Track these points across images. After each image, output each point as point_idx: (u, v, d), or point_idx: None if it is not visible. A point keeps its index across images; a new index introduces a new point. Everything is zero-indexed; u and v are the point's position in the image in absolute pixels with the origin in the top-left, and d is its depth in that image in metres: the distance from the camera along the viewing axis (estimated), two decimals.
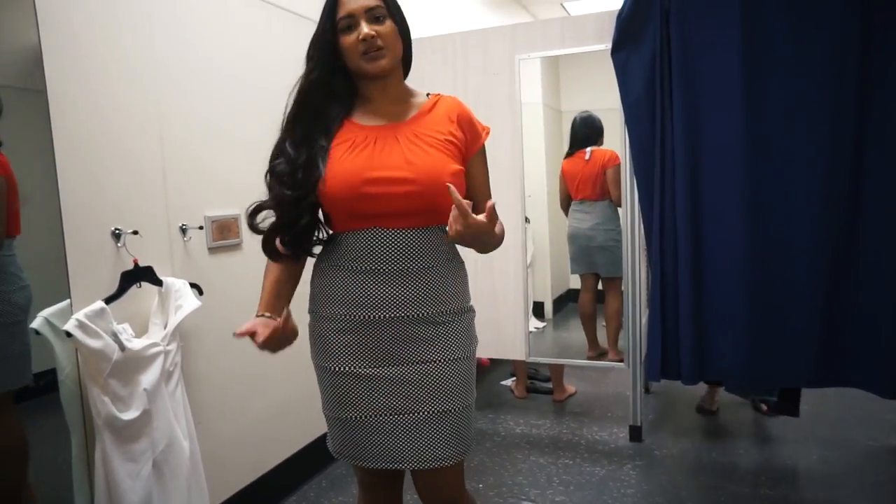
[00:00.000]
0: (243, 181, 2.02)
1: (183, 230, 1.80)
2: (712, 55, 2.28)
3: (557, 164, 3.94)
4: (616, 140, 3.07)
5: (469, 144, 1.27)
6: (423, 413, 1.22)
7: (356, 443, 1.24)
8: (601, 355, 3.41)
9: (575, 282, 4.42)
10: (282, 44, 2.20)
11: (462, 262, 1.32)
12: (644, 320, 2.74)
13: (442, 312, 1.23)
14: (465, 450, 1.26)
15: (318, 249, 1.29)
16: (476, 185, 1.31)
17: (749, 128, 2.25)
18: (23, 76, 1.49)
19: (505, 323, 2.87)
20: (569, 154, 3.38)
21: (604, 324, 3.49)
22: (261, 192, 2.01)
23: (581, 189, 3.31)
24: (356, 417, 1.23)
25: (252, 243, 2.05)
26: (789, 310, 2.27)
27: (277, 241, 1.24)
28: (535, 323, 3.61)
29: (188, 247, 1.82)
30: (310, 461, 2.38)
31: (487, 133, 1.31)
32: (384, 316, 1.20)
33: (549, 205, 3.68)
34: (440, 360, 1.22)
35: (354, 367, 1.22)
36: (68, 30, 1.49)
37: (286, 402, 2.24)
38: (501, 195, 1.28)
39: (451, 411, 1.23)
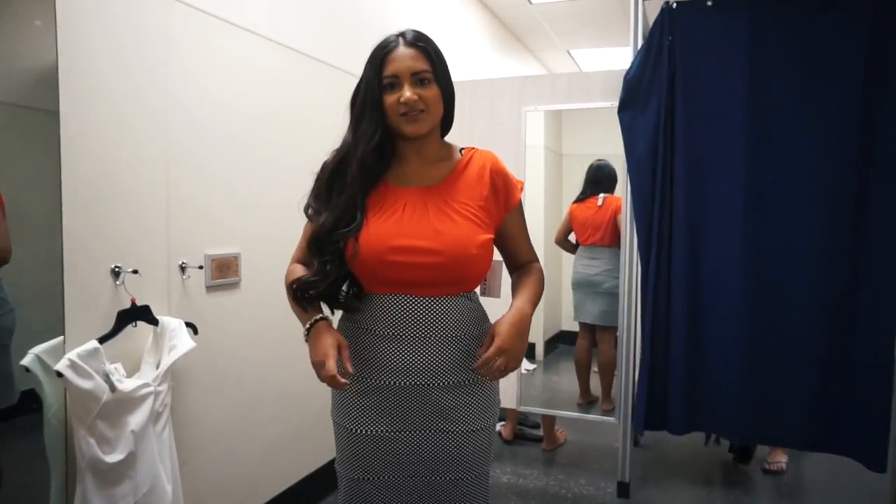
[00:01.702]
0: (245, 219, 2.03)
1: (182, 268, 1.79)
2: (716, 118, 2.34)
3: (556, 206, 3.98)
4: (618, 186, 3.12)
5: (504, 201, 1.25)
6: (438, 479, 1.22)
7: (368, 502, 1.23)
8: (592, 403, 3.39)
9: (567, 324, 4.43)
10: (291, 85, 2.23)
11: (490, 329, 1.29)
12: (637, 372, 2.73)
13: (465, 382, 1.21)
14: None
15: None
16: (515, 241, 1.31)
17: (749, 190, 2.29)
18: (33, 95, 1.50)
19: None
20: (580, 199, 3.40)
21: (595, 370, 3.48)
22: (261, 231, 2.01)
23: (591, 235, 3.32)
24: (369, 478, 1.22)
25: (251, 282, 2.04)
26: (783, 370, 2.29)
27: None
28: (525, 365, 3.60)
29: (186, 285, 1.81)
30: (295, 502, 2.34)
31: (522, 187, 1.29)
32: (405, 382, 1.19)
33: (546, 247, 3.71)
34: (461, 432, 1.21)
35: (373, 429, 1.21)
36: (86, 62, 1.50)
37: (272, 443, 2.21)
38: None
39: (465, 479, 1.24)
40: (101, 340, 1.50)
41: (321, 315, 1.20)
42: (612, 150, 2.80)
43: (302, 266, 1.27)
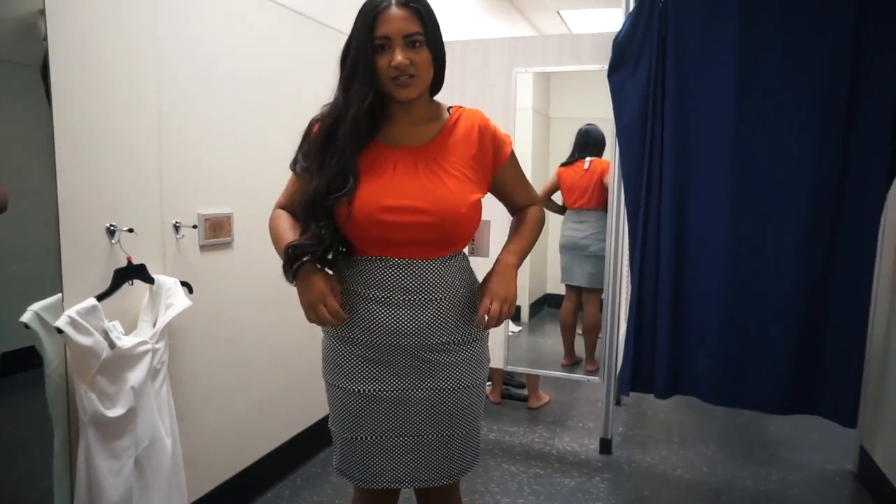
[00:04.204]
0: (238, 179, 2.03)
1: (176, 228, 1.80)
2: (706, 81, 2.35)
3: (544, 168, 3.99)
4: (606, 150, 3.15)
5: (493, 158, 1.28)
6: (431, 437, 1.26)
7: (360, 463, 1.27)
8: (575, 364, 3.48)
9: (552, 287, 4.50)
10: (282, 44, 2.20)
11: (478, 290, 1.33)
12: (621, 333, 2.81)
13: (454, 342, 1.25)
14: (468, 467, 1.32)
15: None
16: (510, 188, 1.36)
17: (736, 154, 2.32)
18: (14, 50, 1.45)
19: None
20: (568, 162, 3.42)
21: (579, 332, 3.56)
22: (253, 191, 2.01)
23: (578, 198, 3.36)
24: (363, 438, 1.26)
25: (243, 241, 2.06)
26: (763, 336, 2.36)
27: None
28: (511, 327, 3.67)
29: (180, 244, 1.82)
30: (286, 459, 2.40)
31: (510, 141, 1.31)
32: (395, 343, 1.22)
33: None
34: (451, 389, 1.25)
35: (365, 388, 1.24)
36: (74, 25, 1.47)
37: (266, 400, 2.26)
38: (490, 200, 1.32)
39: (457, 435, 1.28)
40: (99, 298, 1.52)
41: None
42: (601, 114, 2.81)
43: (287, 214, 1.30)
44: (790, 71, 2.22)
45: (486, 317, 1.23)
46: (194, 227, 1.85)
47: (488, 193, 1.34)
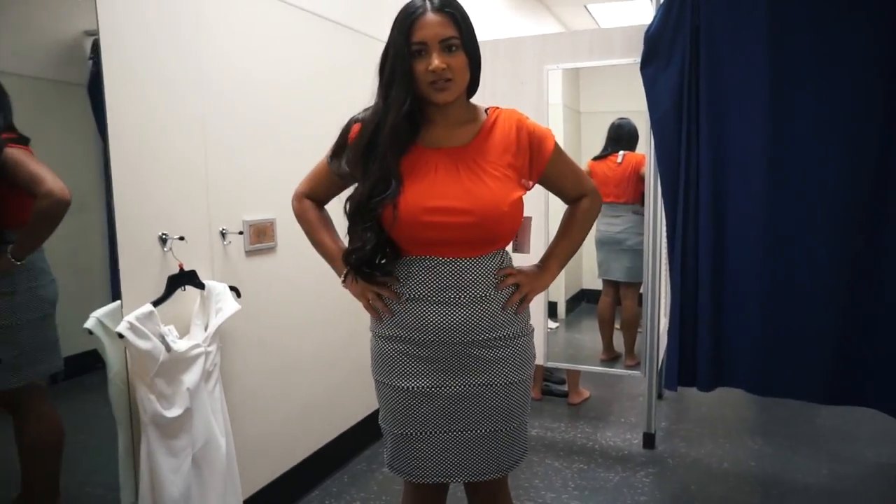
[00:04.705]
0: (280, 185, 2.08)
1: (223, 234, 1.86)
2: (739, 71, 2.32)
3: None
4: (640, 144, 3.13)
5: (535, 155, 1.28)
6: (479, 431, 1.28)
7: (410, 458, 1.31)
8: (614, 359, 3.46)
9: (588, 282, 4.47)
10: (317, 51, 2.26)
11: None
12: (661, 327, 2.78)
13: (499, 338, 1.27)
14: (517, 462, 1.34)
15: None
16: (559, 182, 1.37)
17: (773, 143, 2.28)
18: (61, 70, 1.52)
19: None
20: (601, 156, 3.41)
21: (617, 327, 3.54)
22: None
23: (611, 192, 3.34)
24: (412, 434, 1.29)
25: (286, 246, 2.12)
26: (807, 324, 2.32)
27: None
28: (549, 323, 3.67)
29: (227, 250, 1.89)
30: (333, 456, 2.46)
31: (551, 135, 1.31)
32: (442, 340, 1.25)
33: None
34: (498, 385, 1.28)
35: (414, 384, 1.27)
36: (124, 46, 1.55)
37: (312, 400, 2.32)
38: (530, 197, 1.32)
39: (505, 430, 1.30)
40: (155, 304, 1.59)
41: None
42: (631, 107, 2.79)
43: (314, 206, 1.39)
44: (824, 56, 2.18)
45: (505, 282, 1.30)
46: (240, 233, 1.91)
47: (536, 186, 1.35)
